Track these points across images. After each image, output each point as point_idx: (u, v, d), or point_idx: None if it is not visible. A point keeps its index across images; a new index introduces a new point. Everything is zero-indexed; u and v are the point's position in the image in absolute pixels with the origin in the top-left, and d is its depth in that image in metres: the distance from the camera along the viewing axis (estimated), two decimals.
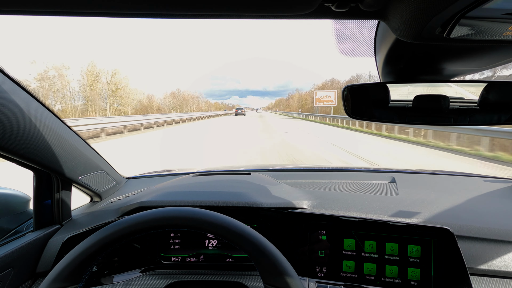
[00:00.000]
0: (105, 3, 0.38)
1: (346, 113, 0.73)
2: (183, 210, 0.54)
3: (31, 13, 0.42)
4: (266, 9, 0.40)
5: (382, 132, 12.67)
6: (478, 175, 1.22)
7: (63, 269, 0.49)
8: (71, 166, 0.89)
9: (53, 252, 0.84)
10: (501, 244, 0.74)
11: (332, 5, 0.41)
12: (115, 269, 0.86)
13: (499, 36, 0.38)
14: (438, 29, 0.37)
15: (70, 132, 0.88)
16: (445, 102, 0.68)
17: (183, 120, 25.43)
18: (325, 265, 0.79)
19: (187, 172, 1.32)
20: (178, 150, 7.93)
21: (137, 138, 11.32)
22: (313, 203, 0.90)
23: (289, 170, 1.40)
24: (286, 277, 0.49)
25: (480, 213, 0.85)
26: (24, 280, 0.81)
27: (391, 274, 0.74)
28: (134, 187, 1.24)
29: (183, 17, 0.43)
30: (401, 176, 1.20)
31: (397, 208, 0.86)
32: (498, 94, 0.67)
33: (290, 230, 0.85)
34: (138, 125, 15.52)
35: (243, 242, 0.51)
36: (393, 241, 0.75)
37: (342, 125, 18.45)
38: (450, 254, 0.70)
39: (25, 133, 0.70)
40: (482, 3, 0.30)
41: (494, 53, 0.55)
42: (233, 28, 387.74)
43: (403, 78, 0.70)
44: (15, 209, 0.92)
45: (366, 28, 0.59)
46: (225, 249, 0.90)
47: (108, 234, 0.51)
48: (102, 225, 0.84)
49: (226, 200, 0.89)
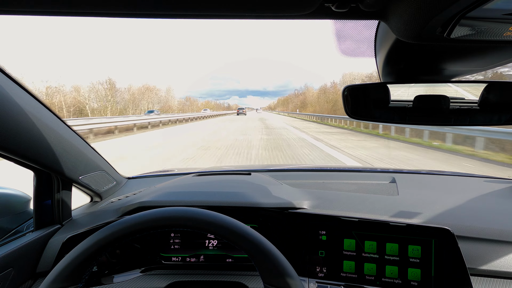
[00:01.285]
0: (105, 3, 0.38)
1: (346, 113, 0.72)
2: (183, 210, 0.54)
3: (31, 13, 0.42)
4: (266, 9, 0.40)
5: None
6: (478, 175, 1.22)
7: (63, 269, 0.49)
8: (71, 166, 0.89)
9: (53, 252, 0.84)
10: (501, 244, 0.74)
11: (332, 5, 0.41)
12: (115, 269, 0.86)
13: (499, 36, 0.38)
14: (438, 29, 0.37)
15: (70, 132, 0.88)
16: (445, 102, 0.68)
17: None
18: (325, 265, 0.79)
19: (187, 172, 1.32)
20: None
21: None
22: (313, 203, 0.90)
23: (289, 170, 1.40)
24: (286, 277, 0.49)
25: (480, 213, 0.84)
26: (24, 280, 0.81)
27: (391, 275, 0.73)
28: (134, 187, 1.24)
29: (183, 17, 0.43)
30: (401, 176, 1.20)
31: (398, 209, 0.86)
32: (498, 94, 0.66)
33: (290, 230, 0.85)
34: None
35: (243, 242, 0.51)
36: (394, 241, 0.75)
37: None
38: (450, 254, 0.70)
39: (26, 133, 0.70)
40: (482, 4, 0.30)
41: (494, 53, 0.55)
42: (233, 28, 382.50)
43: (403, 78, 0.70)
44: (15, 209, 0.92)
45: (366, 28, 0.59)
46: (225, 249, 0.90)
47: (108, 234, 0.51)
48: (102, 225, 0.84)
49: (226, 200, 0.89)
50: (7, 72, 0.66)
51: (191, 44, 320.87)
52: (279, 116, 44.57)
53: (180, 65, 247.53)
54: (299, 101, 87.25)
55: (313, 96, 70.17)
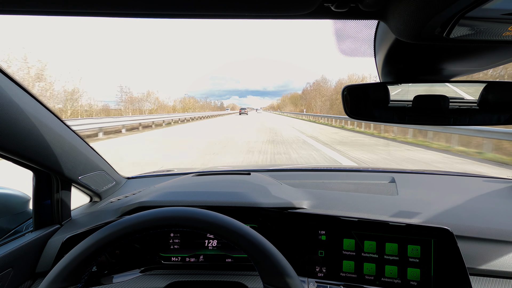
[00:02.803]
0: (105, 3, 0.38)
1: (345, 113, 0.73)
2: (182, 210, 0.54)
3: (31, 13, 0.42)
4: (266, 9, 0.40)
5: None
6: (477, 175, 1.22)
7: (63, 269, 0.49)
8: (70, 166, 0.89)
9: (52, 252, 0.84)
10: (500, 244, 0.74)
11: (332, 5, 0.41)
12: (114, 269, 0.86)
13: (498, 36, 0.38)
14: (438, 29, 0.37)
15: (69, 132, 0.88)
16: (444, 102, 0.68)
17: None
18: (324, 265, 0.79)
19: (186, 172, 1.32)
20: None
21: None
22: (313, 203, 0.90)
23: (289, 170, 1.41)
24: (286, 277, 0.49)
25: (480, 213, 0.85)
26: (23, 280, 0.81)
27: (391, 274, 0.74)
28: (133, 187, 1.24)
29: (183, 17, 0.43)
30: (400, 176, 1.20)
31: (397, 208, 0.86)
32: (498, 94, 0.67)
33: (290, 230, 0.85)
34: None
35: (243, 242, 0.51)
36: (393, 241, 0.75)
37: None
38: (449, 254, 0.70)
39: (25, 133, 0.70)
40: (482, 4, 0.30)
41: (494, 53, 0.55)
42: (232, 28, 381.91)
43: (402, 78, 0.70)
44: (15, 209, 0.92)
45: (366, 28, 0.59)
46: (225, 249, 0.90)
47: (107, 234, 0.51)
48: (101, 225, 0.84)
49: (226, 200, 0.89)
50: (6, 72, 0.66)
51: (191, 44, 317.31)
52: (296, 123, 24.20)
53: (180, 65, 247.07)
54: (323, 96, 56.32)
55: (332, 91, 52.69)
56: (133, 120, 16.63)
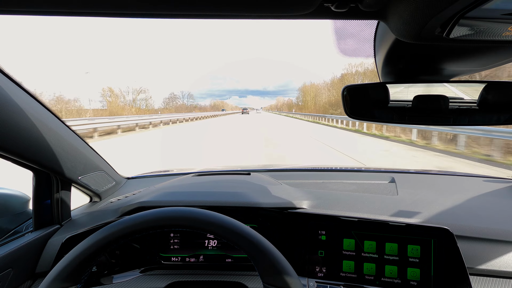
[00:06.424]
0: (105, 3, 0.38)
1: (345, 113, 0.73)
2: (182, 210, 0.54)
3: (31, 13, 0.41)
4: (266, 9, 0.40)
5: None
6: (477, 175, 1.22)
7: (63, 269, 0.49)
8: (70, 166, 0.89)
9: (52, 252, 0.84)
10: (500, 244, 0.74)
11: (331, 5, 0.41)
12: (114, 270, 0.86)
13: (498, 36, 0.38)
14: (438, 29, 0.37)
15: (69, 132, 0.88)
16: (444, 102, 0.68)
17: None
18: (324, 265, 0.79)
19: (186, 172, 1.32)
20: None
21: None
22: (313, 203, 0.90)
23: (289, 170, 1.40)
24: (286, 276, 0.49)
25: (480, 213, 0.85)
26: (23, 280, 0.80)
27: (391, 274, 0.74)
28: (133, 187, 1.24)
29: (183, 17, 0.43)
30: (400, 176, 1.20)
31: (397, 208, 0.86)
32: (498, 94, 0.67)
33: (290, 230, 0.85)
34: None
35: (242, 242, 0.51)
36: (393, 241, 0.75)
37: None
38: (449, 254, 0.70)
39: (25, 133, 0.70)
40: (482, 4, 0.30)
41: (494, 53, 0.55)
42: (233, 28, 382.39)
43: (402, 78, 0.70)
44: (15, 209, 0.92)
45: (366, 28, 0.59)
46: (225, 249, 0.90)
47: (107, 235, 0.51)
48: (101, 225, 0.84)
49: (226, 200, 0.89)
50: (6, 72, 0.66)
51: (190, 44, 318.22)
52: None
53: (179, 65, 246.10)
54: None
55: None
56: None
